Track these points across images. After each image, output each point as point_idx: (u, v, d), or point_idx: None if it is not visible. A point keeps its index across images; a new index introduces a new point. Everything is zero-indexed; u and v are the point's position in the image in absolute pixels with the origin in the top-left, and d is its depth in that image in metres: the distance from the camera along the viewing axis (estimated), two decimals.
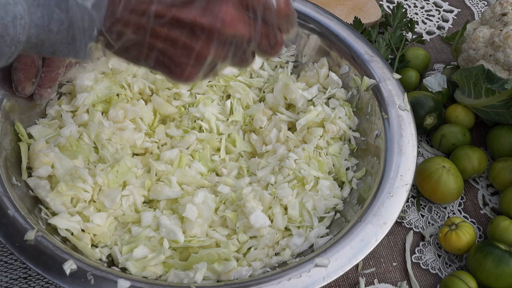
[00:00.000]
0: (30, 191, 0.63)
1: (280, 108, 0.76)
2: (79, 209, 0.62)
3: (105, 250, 0.61)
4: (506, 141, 0.78)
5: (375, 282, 0.69)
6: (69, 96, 0.73)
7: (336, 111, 0.74)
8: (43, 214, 0.61)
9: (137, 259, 0.59)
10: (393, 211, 0.60)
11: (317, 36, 0.78)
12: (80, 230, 0.61)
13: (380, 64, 0.74)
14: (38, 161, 0.63)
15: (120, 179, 0.65)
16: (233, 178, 0.70)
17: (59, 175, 0.63)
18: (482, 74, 0.75)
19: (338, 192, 0.69)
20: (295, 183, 0.68)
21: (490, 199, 0.79)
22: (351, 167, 0.71)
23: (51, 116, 0.70)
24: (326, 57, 0.78)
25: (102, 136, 0.68)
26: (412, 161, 0.65)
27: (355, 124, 0.74)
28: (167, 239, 0.61)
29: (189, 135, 0.72)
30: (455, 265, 0.71)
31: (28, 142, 0.66)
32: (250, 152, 0.75)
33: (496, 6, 0.82)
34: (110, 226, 0.63)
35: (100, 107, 0.72)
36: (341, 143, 0.74)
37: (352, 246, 0.57)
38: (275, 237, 0.64)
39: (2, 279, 0.64)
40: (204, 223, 0.64)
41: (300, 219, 0.66)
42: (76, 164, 0.64)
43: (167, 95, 0.75)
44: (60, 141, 0.66)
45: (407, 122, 0.69)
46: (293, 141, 0.72)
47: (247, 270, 0.59)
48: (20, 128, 0.65)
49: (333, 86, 0.77)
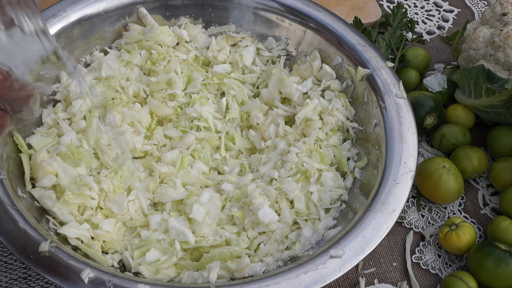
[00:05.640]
0: (36, 202, 0.62)
1: (276, 103, 0.76)
2: (87, 217, 0.62)
3: (116, 256, 0.61)
4: (506, 141, 0.78)
5: (375, 282, 0.69)
6: (64, 103, 0.72)
7: (333, 102, 0.74)
8: (51, 224, 0.60)
9: (150, 262, 0.59)
10: (401, 198, 0.61)
11: (309, 30, 0.79)
12: (90, 238, 0.61)
13: (373, 54, 0.74)
14: (41, 172, 0.63)
15: (124, 184, 0.65)
16: (236, 175, 0.71)
17: (64, 184, 0.63)
18: (482, 74, 0.75)
19: (341, 183, 0.69)
20: (299, 177, 0.68)
21: (490, 199, 0.78)
22: (351, 157, 0.72)
23: (48, 124, 0.70)
24: (317, 49, 0.78)
25: (102, 142, 0.68)
26: (413, 147, 0.65)
27: (352, 114, 0.75)
28: (178, 240, 0.61)
29: (188, 135, 0.72)
30: (455, 265, 0.71)
31: (29, 152, 0.65)
32: (250, 149, 0.75)
33: (496, 6, 0.82)
34: (119, 231, 0.63)
35: (97, 112, 0.71)
36: (340, 133, 0.74)
37: (364, 235, 0.58)
38: (284, 232, 0.64)
39: (2, 279, 0.64)
40: (213, 222, 0.64)
41: (307, 212, 0.66)
42: (80, 172, 0.64)
43: (162, 97, 0.75)
44: (61, 149, 0.65)
45: (405, 109, 0.69)
46: (293, 135, 0.73)
47: (260, 266, 0.59)
48: (19, 139, 0.65)
49: (327, 78, 0.77)
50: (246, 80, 0.80)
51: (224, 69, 0.79)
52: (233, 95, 0.77)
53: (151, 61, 0.77)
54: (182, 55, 0.79)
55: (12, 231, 0.54)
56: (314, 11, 0.78)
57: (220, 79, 0.78)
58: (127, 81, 0.75)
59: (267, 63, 0.82)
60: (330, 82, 0.76)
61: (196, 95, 0.77)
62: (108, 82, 0.74)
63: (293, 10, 0.79)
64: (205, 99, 0.76)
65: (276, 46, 0.82)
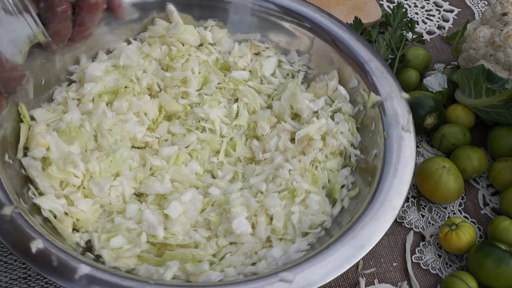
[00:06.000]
0: (23, 170, 0.64)
1: (286, 117, 0.74)
2: (66, 193, 0.63)
3: (85, 236, 0.62)
4: (506, 141, 0.78)
5: (375, 282, 0.69)
6: (78, 84, 0.74)
7: (339, 125, 0.72)
8: (31, 193, 0.62)
9: (113, 248, 0.59)
10: (373, 235, 0.58)
11: (330, 47, 0.77)
12: (63, 213, 0.62)
13: (391, 81, 0.71)
14: (34, 142, 0.64)
15: (113, 169, 0.66)
16: (227, 181, 0.70)
17: (53, 158, 0.64)
18: (483, 74, 0.75)
19: (328, 209, 0.66)
20: (286, 194, 0.66)
21: (490, 199, 0.79)
22: (346, 185, 0.69)
23: (57, 101, 0.71)
24: (337, 69, 0.77)
25: (104, 126, 0.69)
26: (405, 185, 0.62)
27: (357, 141, 0.72)
28: (147, 233, 0.61)
29: (191, 134, 0.72)
30: (455, 265, 0.71)
31: (30, 123, 0.67)
32: (250, 158, 0.74)
33: (497, 6, 0.82)
34: (95, 213, 0.64)
35: (107, 98, 0.73)
36: (341, 159, 0.71)
37: (322, 266, 0.55)
38: (255, 246, 0.63)
39: (2, 279, 0.65)
40: (188, 222, 0.64)
41: (283, 231, 0.64)
42: (71, 150, 0.65)
43: (175, 93, 0.76)
44: (60, 125, 0.67)
45: (408, 144, 0.66)
46: (292, 151, 0.71)
47: (217, 275, 0.58)
48: (23, 110, 0.66)
49: (340, 100, 0.75)
50: (262, 90, 0.79)
51: (241, 76, 0.78)
52: (246, 103, 0.76)
53: (169, 57, 0.78)
54: (203, 56, 0.79)
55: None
56: (339, 30, 0.76)
57: (235, 85, 0.77)
58: (143, 73, 0.76)
59: (287, 76, 0.81)
60: (342, 105, 0.74)
61: (209, 96, 0.76)
62: (125, 71, 0.75)
63: (320, 29, 0.77)
64: (216, 102, 0.76)
65: (298, 60, 0.80)
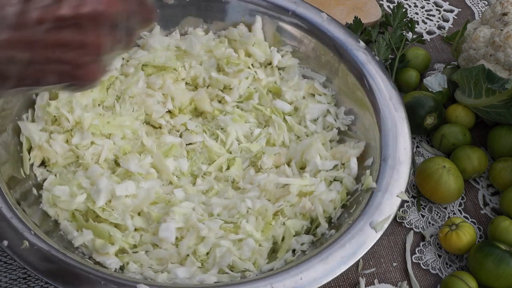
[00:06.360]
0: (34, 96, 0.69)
1: (293, 163, 0.71)
2: (52, 130, 0.68)
3: (45, 174, 0.67)
4: (506, 141, 0.78)
5: (375, 282, 0.69)
6: (137, 50, 0.77)
7: (328, 193, 0.66)
8: (24, 117, 0.68)
9: (53, 194, 0.63)
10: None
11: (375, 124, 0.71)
12: (37, 145, 0.66)
13: (401, 173, 0.64)
14: None
15: (106, 130, 0.69)
16: (197, 191, 0.68)
17: (61, 96, 0.69)
18: (483, 74, 0.75)
19: (261, 262, 0.62)
20: (230, 227, 0.63)
21: (490, 199, 0.79)
22: (296, 251, 0.63)
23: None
24: (366, 141, 0.71)
25: (128, 92, 0.72)
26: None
27: (335, 217, 0.65)
28: (90, 196, 0.63)
29: (199, 135, 0.73)
30: (455, 265, 0.71)
31: None
32: (236, 182, 0.71)
33: (497, 6, 0.83)
34: (67, 159, 0.68)
35: (150, 70, 0.76)
36: (307, 224, 0.65)
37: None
38: (171, 257, 0.61)
39: (2, 279, 0.65)
40: (131, 206, 0.64)
41: (204, 258, 0.61)
42: (78, 99, 0.69)
43: (212, 94, 0.76)
44: None
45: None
46: (268, 194, 0.67)
47: (115, 263, 0.59)
48: None
49: (346, 172, 0.69)
50: (294, 130, 0.75)
51: (282, 108, 0.76)
52: (269, 133, 0.74)
53: (227, 60, 0.79)
54: (260, 74, 0.78)
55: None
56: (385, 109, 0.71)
57: (272, 112, 0.75)
58: (199, 64, 0.78)
59: (327, 128, 0.76)
60: (344, 176, 0.68)
61: (239, 110, 0.76)
62: (183, 55, 0.78)
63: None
64: (242, 119, 0.74)
65: (343, 119, 0.75)
